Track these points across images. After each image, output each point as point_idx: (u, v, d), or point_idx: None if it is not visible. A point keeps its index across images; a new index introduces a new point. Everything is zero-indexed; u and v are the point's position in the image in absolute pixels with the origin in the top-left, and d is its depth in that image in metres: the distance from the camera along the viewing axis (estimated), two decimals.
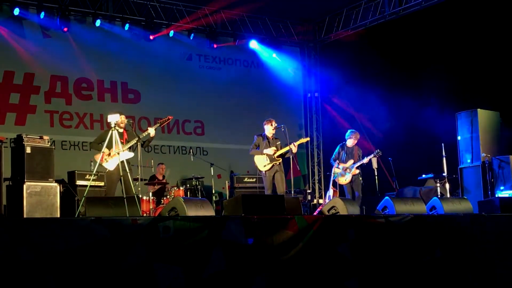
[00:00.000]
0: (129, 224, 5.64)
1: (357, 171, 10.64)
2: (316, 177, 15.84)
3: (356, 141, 10.89)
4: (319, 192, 15.53)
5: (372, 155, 10.61)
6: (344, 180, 10.65)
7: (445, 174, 11.31)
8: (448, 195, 11.10)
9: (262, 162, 9.96)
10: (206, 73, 14.61)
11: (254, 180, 12.49)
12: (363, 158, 10.66)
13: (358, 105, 14.55)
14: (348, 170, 10.63)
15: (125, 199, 6.86)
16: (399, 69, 13.76)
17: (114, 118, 8.11)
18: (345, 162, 10.73)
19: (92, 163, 9.06)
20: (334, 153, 11.00)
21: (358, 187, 10.64)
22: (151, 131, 8.95)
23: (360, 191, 10.66)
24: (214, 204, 11.44)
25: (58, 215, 8.95)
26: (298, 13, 15.06)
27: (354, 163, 10.65)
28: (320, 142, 16.00)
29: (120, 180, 8.45)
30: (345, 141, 10.96)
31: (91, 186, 9.39)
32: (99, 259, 5.40)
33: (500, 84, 11.93)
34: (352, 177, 10.63)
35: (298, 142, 10.09)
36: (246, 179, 12.68)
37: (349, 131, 10.99)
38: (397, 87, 13.76)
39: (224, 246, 5.95)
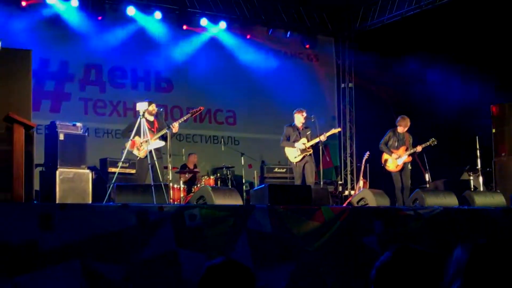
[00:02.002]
0: (155, 211, 5.69)
1: (410, 158, 10.29)
2: (349, 168, 15.72)
3: (407, 128, 10.41)
4: (351, 184, 15.43)
5: (427, 143, 10.24)
6: (395, 167, 10.24)
7: (479, 167, 11.12)
8: (482, 189, 10.91)
9: (293, 153, 9.94)
10: (240, 62, 14.58)
11: (284, 170, 12.47)
12: (414, 145, 10.28)
13: (393, 96, 14.38)
14: (399, 157, 10.28)
15: (152, 187, 6.91)
16: (435, 60, 13.54)
17: (142, 106, 8.16)
18: (397, 148, 10.34)
19: (124, 151, 9.14)
20: (384, 137, 10.49)
21: (408, 177, 10.20)
22: (175, 125, 8.91)
23: (409, 182, 10.20)
24: (245, 194, 11.46)
25: (90, 202, 9.09)
26: (332, 3, 14.91)
27: (406, 149, 10.26)
28: (353, 133, 15.87)
29: (151, 168, 8.52)
30: (396, 126, 10.55)
31: (123, 173, 9.49)
32: (125, 244, 5.46)
33: None
34: (403, 165, 10.25)
35: (329, 133, 10.02)
36: (276, 169, 12.67)
37: (399, 117, 10.49)
38: (433, 78, 13.55)
39: (250, 235, 5.96)
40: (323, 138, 9.77)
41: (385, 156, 10.34)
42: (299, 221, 6.16)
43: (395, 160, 10.17)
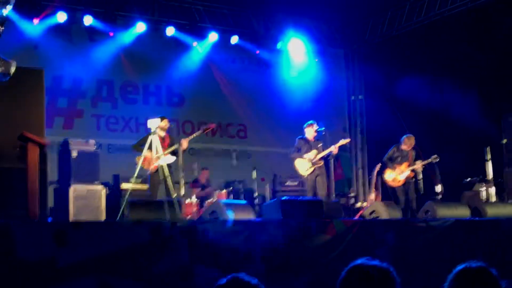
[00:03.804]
0: (168, 227, 5.75)
1: (412, 174, 10.42)
2: (360, 181, 15.72)
3: (411, 147, 10.66)
4: (363, 196, 15.41)
5: (428, 160, 10.39)
6: (397, 182, 10.38)
7: (490, 178, 11.09)
8: (493, 199, 10.88)
9: (303, 166, 9.97)
10: (250, 76, 14.66)
11: (296, 183, 12.47)
12: (416, 161, 10.43)
13: (404, 107, 14.39)
14: (401, 172, 10.39)
15: (165, 203, 6.97)
16: (445, 70, 13.56)
17: (154, 123, 8.24)
18: (400, 164, 10.50)
19: (137, 166, 9.22)
20: (388, 152, 10.73)
21: (412, 190, 10.37)
22: (185, 143, 8.98)
23: (414, 194, 10.37)
24: (257, 207, 11.48)
25: (104, 218, 9.15)
26: (342, 15, 14.98)
27: (408, 165, 10.48)
28: (365, 145, 15.88)
29: (162, 183, 8.57)
30: (400, 143, 10.78)
31: (134, 189, 9.55)
32: (139, 260, 5.52)
33: None
34: (405, 180, 10.45)
35: (338, 144, 10.05)
36: (288, 182, 12.69)
37: (404, 136, 10.77)
38: (444, 89, 13.55)
39: (263, 248, 6.00)
40: (334, 149, 9.81)
41: (388, 170, 10.54)
42: (312, 234, 6.20)
43: (398, 176, 10.37)
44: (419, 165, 10.40)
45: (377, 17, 15.01)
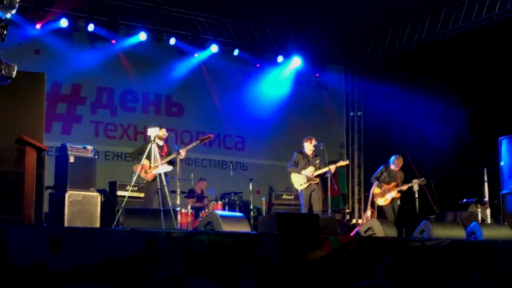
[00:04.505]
0: (164, 236, 5.71)
1: (399, 194, 10.59)
2: (356, 197, 15.72)
3: (399, 167, 10.83)
4: (359, 212, 15.41)
5: (415, 182, 10.51)
6: (384, 201, 10.58)
7: (486, 199, 11.10)
8: (489, 221, 10.89)
9: (299, 180, 9.97)
10: (250, 89, 14.69)
11: (292, 197, 12.49)
12: (404, 183, 10.60)
13: (402, 125, 14.42)
14: (389, 192, 10.57)
15: (161, 212, 6.95)
16: (444, 91, 13.60)
17: (153, 132, 8.25)
18: (388, 184, 10.65)
19: (134, 174, 9.21)
20: (377, 172, 10.93)
21: (395, 212, 10.60)
22: (183, 152, 8.99)
23: (396, 214, 10.56)
24: (252, 220, 11.47)
25: (98, 225, 9.13)
26: (343, 32, 15.05)
27: (396, 186, 10.59)
28: (362, 161, 15.90)
29: (158, 192, 8.57)
30: (389, 163, 10.91)
31: (131, 197, 9.55)
32: (133, 269, 5.48)
33: None
34: (392, 200, 10.56)
35: (337, 165, 10.12)
36: (284, 196, 12.71)
37: (393, 156, 10.92)
38: (442, 109, 13.59)
39: (257, 262, 5.96)
40: (332, 169, 9.85)
41: (375, 189, 10.68)
42: (307, 249, 6.17)
43: (385, 195, 10.43)
44: (405, 187, 10.52)
45: (378, 35, 15.08)
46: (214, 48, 13.82)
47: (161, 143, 9.10)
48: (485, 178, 11.06)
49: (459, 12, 13.09)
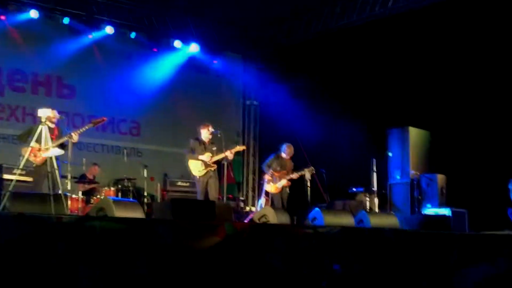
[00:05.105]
0: (53, 222, 5.51)
1: (289, 183, 10.76)
2: (250, 185, 15.89)
3: (290, 155, 10.97)
4: (252, 200, 15.58)
5: (305, 171, 10.70)
6: (274, 189, 10.70)
7: (374, 188, 11.55)
8: (376, 210, 11.34)
9: (196, 167, 9.90)
10: (146, 73, 14.41)
11: (187, 184, 12.43)
12: (294, 171, 10.77)
13: (296, 116, 14.68)
14: (279, 180, 10.70)
15: (51, 196, 6.69)
16: (335, 84, 13.96)
17: (44, 113, 7.91)
18: (278, 172, 10.79)
19: (22, 158, 8.79)
20: (268, 159, 11.02)
21: (285, 200, 10.74)
22: (75, 135, 8.63)
23: (285, 203, 10.72)
24: (146, 206, 11.31)
25: None
26: (241, 21, 15.09)
27: (286, 174, 10.74)
28: (257, 150, 16.06)
29: (48, 176, 8.24)
30: (280, 152, 11.04)
31: (19, 181, 9.11)
32: (20, 256, 5.25)
33: (432, 104, 12.28)
34: (282, 188, 10.72)
35: (234, 150, 10.09)
36: (179, 183, 12.62)
37: (284, 144, 11.05)
38: (333, 101, 13.95)
39: (151, 249, 5.88)
40: (229, 155, 9.84)
41: (266, 177, 10.78)
42: (202, 236, 6.15)
43: (276, 183, 10.62)
44: (296, 175, 10.69)
45: (276, 25, 15.23)
46: (109, 30, 13.46)
47: (51, 125, 8.70)
48: (374, 168, 11.49)
49: (354, 4, 13.35)
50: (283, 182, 10.68)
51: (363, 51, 13.29)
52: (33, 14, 12.46)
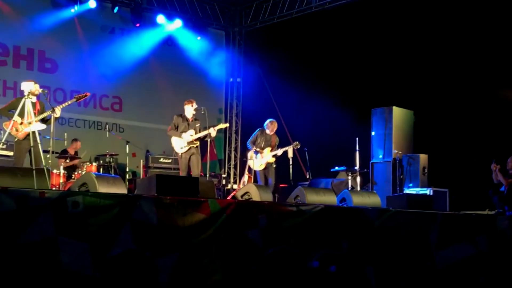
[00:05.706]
0: (36, 196, 5.46)
1: (273, 159, 10.68)
2: (232, 162, 15.89)
3: (274, 131, 10.89)
4: (234, 177, 15.60)
5: (289, 147, 10.63)
6: (259, 166, 10.65)
7: (357, 167, 11.60)
8: (359, 189, 11.40)
9: (179, 144, 9.85)
10: (128, 49, 14.26)
11: (170, 161, 12.40)
12: (279, 147, 10.70)
13: (279, 94, 14.68)
14: (264, 156, 10.65)
15: (33, 171, 6.62)
16: (319, 62, 13.95)
17: (27, 86, 7.79)
18: (262, 148, 10.73)
19: (2, 132, 8.67)
20: (252, 136, 10.92)
21: (272, 175, 10.61)
22: (58, 110, 8.50)
23: (274, 178, 10.66)
24: (127, 182, 11.26)
25: None
26: None
27: (271, 150, 10.67)
28: (239, 127, 16.04)
29: (29, 151, 8.14)
30: (264, 127, 10.97)
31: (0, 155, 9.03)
32: (3, 229, 5.21)
33: (416, 84, 12.33)
34: (266, 164, 10.65)
35: (217, 127, 10.02)
36: (161, 159, 12.59)
37: (268, 120, 10.96)
38: (317, 80, 13.96)
39: (134, 225, 5.86)
40: (213, 132, 9.78)
41: (250, 154, 10.68)
42: (186, 212, 6.14)
43: (260, 159, 10.50)
44: (280, 151, 10.61)
45: (260, 2, 15.14)
46: (92, 4, 13.29)
47: (34, 99, 8.58)
48: (357, 147, 11.54)
49: None
50: (268, 158, 10.61)
51: (348, 30, 13.29)
52: None
